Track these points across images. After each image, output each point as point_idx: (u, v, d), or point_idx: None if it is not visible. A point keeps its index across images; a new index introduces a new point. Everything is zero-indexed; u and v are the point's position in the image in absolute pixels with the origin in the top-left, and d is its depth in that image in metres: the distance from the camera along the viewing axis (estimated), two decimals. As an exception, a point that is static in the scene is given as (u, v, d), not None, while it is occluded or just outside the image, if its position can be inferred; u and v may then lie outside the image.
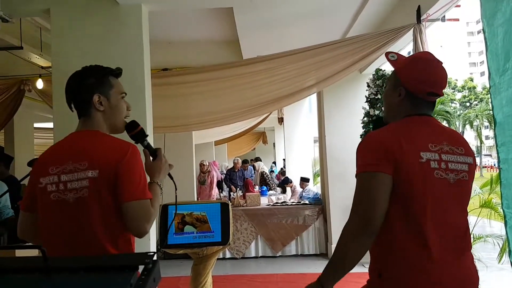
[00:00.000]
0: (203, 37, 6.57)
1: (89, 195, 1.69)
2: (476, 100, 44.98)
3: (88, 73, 1.88)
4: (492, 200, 4.45)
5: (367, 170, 1.53)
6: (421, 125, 1.64)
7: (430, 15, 3.86)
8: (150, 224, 1.71)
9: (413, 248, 1.51)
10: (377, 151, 1.54)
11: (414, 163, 1.52)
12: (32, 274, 0.92)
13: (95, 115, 1.83)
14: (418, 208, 1.52)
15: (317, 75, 4.51)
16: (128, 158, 1.70)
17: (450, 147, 1.61)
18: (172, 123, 5.32)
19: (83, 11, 3.89)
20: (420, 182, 1.52)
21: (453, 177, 1.57)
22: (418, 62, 1.71)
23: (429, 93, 1.64)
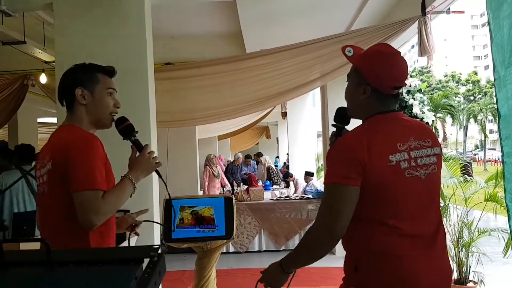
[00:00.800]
0: (206, 31, 6.55)
1: (48, 188, 1.77)
2: (480, 94, 44.74)
3: (76, 69, 1.92)
4: (497, 194, 4.43)
5: (337, 181, 1.54)
6: (389, 124, 1.63)
7: (435, 7, 3.84)
8: (100, 217, 1.66)
9: (392, 245, 1.54)
10: (348, 162, 1.53)
11: (383, 168, 1.52)
12: (36, 267, 0.91)
13: (77, 109, 1.87)
14: (392, 209, 1.55)
15: (321, 69, 4.49)
16: (76, 148, 1.70)
17: (417, 142, 1.60)
18: (176, 118, 5.32)
19: (86, 5, 3.88)
20: (391, 186, 1.53)
21: (423, 172, 1.59)
22: (380, 57, 1.64)
23: (395, 87, 1.63)
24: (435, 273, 1.57)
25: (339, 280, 1.71)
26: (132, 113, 3.75)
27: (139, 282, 0.79)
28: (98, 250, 1.36)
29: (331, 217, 1.54)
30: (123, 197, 1.77)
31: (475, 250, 4.43)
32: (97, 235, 1.75)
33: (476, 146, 56.26)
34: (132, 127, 1.93)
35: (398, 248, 1.53)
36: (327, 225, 1.55)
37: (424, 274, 1.54)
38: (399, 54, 1.67)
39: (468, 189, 4.62)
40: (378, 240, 1.55)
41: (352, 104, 1.76)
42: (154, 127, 3.94)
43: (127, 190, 1.80)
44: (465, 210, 4.54)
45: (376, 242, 1.55)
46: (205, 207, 3.43)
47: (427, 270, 1.55)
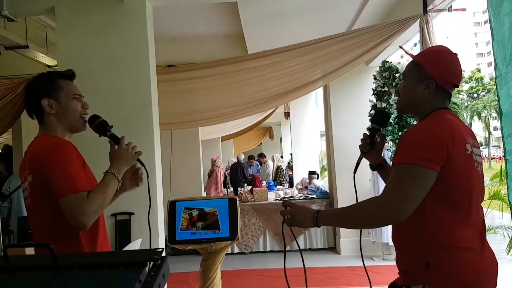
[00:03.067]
0: (208, 32, 6.56)
1: (31, 202, 1.82)
2: (483, 91, 44.60)
3: (35, 81, 1.94)
4: (501, 191, 4.42)
5: (419, 163, 1.50)
6: (453, 118, 1.67)
7: (436, 5, 3.83)
8: (88, 216, 1.69)
9: (462, 236, 1.55)
10: (432, 146, 1.52)
11: (463, 156, 1.56)
12: (41, 271, 0.92)
13: (47, 119, 1.91)
14: (466, 197, 1.57)
15: (323, 69, 4.49)
16: (49, 156, 1.74)
17: (473, 141, 1.66)
18: (179, 120, 5.32)
19: (88, 8, 3.90)
20: (467, 175, 1.58)
21: (480, 168, 1.65)
22: (445, 55, 1.72)
23: (454, 85, 1.70)
24: (493, 263, 1.62)
25: (344, 280, 1.70)
26: (135, 116, 3.79)
27: (143, 285, 0.80)
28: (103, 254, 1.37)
29: (403, 196, 1.49)
30: (108, 192, 1.79)
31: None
32: (88, 233, 1.80)
33: (481, 143, 56.02)
34: (105, 123, 1.96)
35: (467, 241, 1.55)
36: (397, 203, 1.50)
37: (488, 266, 1.59)
38: (456, 54, 1.74)
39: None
40: (449, 233, 1.54)
41: (410, 100, 1.75)
42: (157, 129, 3.95)
43: (111, 184, 1.81)
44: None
45: (447, 235, 1.54)
46: (209, 209, 3.43)
47: (489, 261, 1.60)
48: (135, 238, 3.80)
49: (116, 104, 3.75)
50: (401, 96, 1.79)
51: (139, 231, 3.80)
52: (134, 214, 3.83)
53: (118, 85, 3.80)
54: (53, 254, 0.87)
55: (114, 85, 3.79)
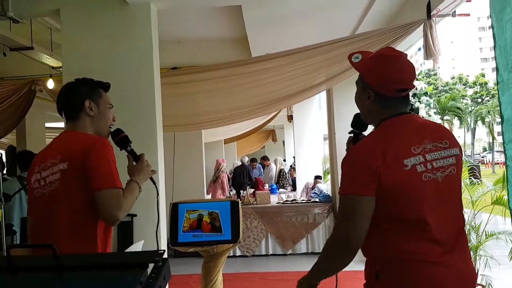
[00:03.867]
0: (211, 35, 6.58)
1: (59, 187, 1.84)
2: (488, 96, 44.45)
3: (80, 83, 2.07)
4: (504, 197, 4.40)
5: (351, 192, 1.55)
6: (400, 127, 1.60)
7: (440, 10, 3.83)
8: (122, 212, 1.81)
9: (413, 249, 1.52)
10: (360, 171, 1.53)
11: (399, 173, 1.51)
12: (43, 272, 0.92)
13: (84, 119, 2.01)
14: (411, 213, 1.52)
15: (326, 72, 4.49)
16: (96, 149, 1.84)
17: (433, 144, 1.57)
18: (182, 122, 5.34)
19: (93, 11, 3.92)
20: (409, 190, 1.51)
21: (440, 175, 1.55)
22: (380, 61, 1.64)
23: (397, 90, 1.60)
24: (458, 279, 1.53)
25: (346, 284, 1.71)
26: (139, 118, 3.80)
27: (144, 286, 0.80)
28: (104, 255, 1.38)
29: (347, 227, 1.55)
30: (134, 197, 1.94)
31: (483, 253, 4.39)
32: (102, 233, 1.88)
33: (484, 148, 55.84)
34: (127, 138, 2.09)
35: (419, 253, 1.51)
36: (344, 235, 1.56)
37: (447, 281, 1.50)
38: (401, 56, 1.64)
39: (476, 192, 4.59)
40: (398, 246, 1.53)
41: (361, 110, 1.78)
42: (160, 131, 3.96)
43: (136, 191, 1.96)
44: (473, 213, 4.51)
45: (396, 248, 1.53)
46: (211, 211, 3.44)
47: (449, 276, 1.51)
48: (137, 240, 3.80)
49: (120, 106, 3.73)
50: (357, 106, 1.80)
51: (141, 233, 3.81)
52: (136, 216, 3.83)
53: (122, 87, 3.82)
54: (55, 255, 0.87)
55: (118, 87, 3.78)
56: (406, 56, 1.65)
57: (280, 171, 11.86)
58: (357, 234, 1.53)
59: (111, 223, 1.84)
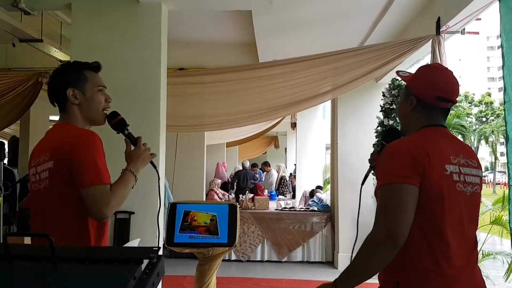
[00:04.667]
0: (220, 38, 6.60)
1: (49, 185, 1.80)
2: (492, 116, 44.42)
3: (62, 69, 1.96)
4: (503, 217, 4.39)
5: (396, 181, 1.50)
6: (440, 136, 1.64)
7: (449, 27, 3.83)
8: (110, 209, 1.74)
9: (433, 259, 1.52)
10: (406, 162, 1.52)
11: (440, 175, 1.52)
12: (39, 262, 0.93)
13: (71, 108, 1.92)
14: (441, 220, 1.53)
15: (333, 82, 4.50)
16: (79, 146, 1.76)
17: (465, 160, 1.61)
18: (186, 123, 5.35)
19: (104, 7, 3.95)
20: (445, 195, 1.52)
21: (470, 190, 1.59)
22: (426, 70, 1.76)
23: (437, 98, 1.63)
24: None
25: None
26: (143, 116, 3.81)
27: (138, 282, 0.80)
28: (100, 248, 1.38)
29: (390, 218, 1.48)
30: (127, 189, 1.84)
31: (479, 272, 4.37)
32: (95, 230, 1.82)
33: (486, 168, 55.65)
34: (124, 121, 1.98)
35: (441, 265, 1.51)
36: (387, 227, 1.47)
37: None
38: (447, 69, 1.73)
39: (475, 211, 4.57)
40: (423, 255, 1.52)
41: (401, 119, 1.80)
42: (163, 131, 3.97)
43: (130, 182, 1.86)
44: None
45: (420, 258, 1.52)
46: (209, 213, 3.44)
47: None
48: (133, 237, 3.81)
49: (125, 103, 3.76)
50: (398, 117, 1.84)
51: (137, 230, 3.81)
52: (134, 213, 3.84)
53: (128, 84, 3.84)
54: (52, 245, 0.88)
55: (125, 84, 3.82)
56: (451, 72, 1.73)
57: (282, 178, 11.86)
58: (401, 226, 1.46)
59: (99, 220, 1.77)
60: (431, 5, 4.32)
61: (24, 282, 0.90)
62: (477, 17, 3.68)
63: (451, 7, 3.77)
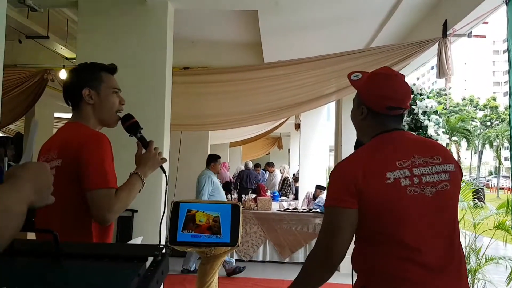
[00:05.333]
0: (226, 38, 6.61)
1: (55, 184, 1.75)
2: (497, 120, 44.27)
3: (79, 69, 1.97)
4: (506, 222, 4.36)
5: (332, 205, 1.56)
6: (388, 143, 1.61)
7: (456, 30, 3.82)
8: (112, 214, 1.73)
9: (401, 267, 1.49)
10: (341, 185, 1.55)
11: (379, 187, 1.50)
12: (43, 258, 0.93)
13: (84, 108, 1.91)
14: (395, 228, 1.50)
15: (337, 83, 4.49)
16: (88, 147, 1.75)
17: (423, 159, 1.56)
18: (190, 122, 5.36)
19: (110, 5, 3.95)
20: (391, 203, 1.50)
21: (430, 190, 1.53)
22: (374, 78, 1.68)
23: (388, 107, 1.61)
24: None
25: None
26: (148, 114, 3.81)
27: (142, 279, 0.80)
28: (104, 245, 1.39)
29: (328, 239, 1.54)
30: (133, 194, 1.83)
31: (481, 277, 4.36)
32: (98, 231, 1.80)
33: (490, 172, 55.52)
34: (137, 124, 1.98)
35: (404, 271, 1.48)
36: (324, 247, 1.55)
37: None
38: (396, 75, 1.66)
39: (478, 215, 4.56)
40: (384, 261, 1.51)
41: (355, 127, 1.78)
42: (167, 129, 3.98)
43: (136, 186, 1.85)
44: (474, 236, 4.47)
45: (382, 263, 1.51)
46: (212, 213, 3.44)
47: None
48: (136, 235, 3.81)
49: (130, 101, 3.75)
50: (352, 123, 1.79)
51: (140, 229, 3.82)
52: (137, 211, 3.84)
53: (133, 83, 3.84)
54: (56, 241, 0.88)
55: (130, 82, 3.82)
56: (402, 77, 1.67)
57: (285, 179, 11.86)
58: (338, 248, 1.52)
59: (101, 224, 1.76)
60: (438, 8, 4.31)
61: (28, 278, 0.90)
62: (484, 20, 3.66)
63: (458, 10, 3.76)
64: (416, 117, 4.85)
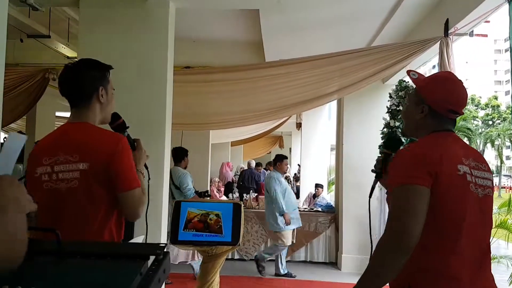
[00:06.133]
0: (227, 37, 6.60)
1: (78, 186, 1.78)
2: (499, 119, 44.17)
3: (92, 66, 1.95)
4: (508, 220, 4.36)
5: (407, 182, 1.51)
6: (451, 140, 1.67)
7: (458, 29, 3.81)
8: (143, 209, 1.87)
9: (446, 262, 1.52)
10: (418, 163, 1.54)
11: (453, 175, 1.54)
12: (45, 256, 0.93)
13: (94, 106, 1.92)
14: (454, 221, 1.53)
15: (339, 82, 4.49)
16: (121, 151, 1.81)
17: (476, 163, 1.64)
18: (191, 121, 5.36)
19: (112, 4, 3.95)
20: (459, 195, 1.54)
21: (481, 192, 1.60)
22: (441, 81, 1.76)
23: (449, 110, 1.69)
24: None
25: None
26: (149, 113, 3.82)
27: (144, 278, 0.80)
28: (106, 244, 1.39)
29: (404, 221, 1.47)
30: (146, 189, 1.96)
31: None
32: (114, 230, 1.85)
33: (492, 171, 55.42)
34: (124, 124, 2.04)
35: (453, 267, 1.51)
36: (401, 228, 1.47)
37: None
38: (460, 82, 1.74)
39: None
40: (435, 257, 1.52)
41: (410, 123, 1.81)
42: (169, 128, 3.97)
43: (144, 182, 1.96)
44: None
45: (432, 259, 1.52)
46: (213, 212, 3.44)
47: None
48: (137, 234, 3.81)
49: (131, 101, 3.78)
50: (403, 119, 1.85)
51: (142, 228, 3.81)
52: (139, 210, 3.84)
53: (134, 82, 3.84)
54: (58, 240, 0.88)
55: (131, 82, 3.83)
56: (463, 83, 1.75)
57: (286, 178, 11.85)
58: (414, 230, 1.45)
59: (132, 220, 1.89)
60: (439, 6, 4.30)
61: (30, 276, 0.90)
62: (486, 19, 3.66)
63: (460, 9, 3.76)
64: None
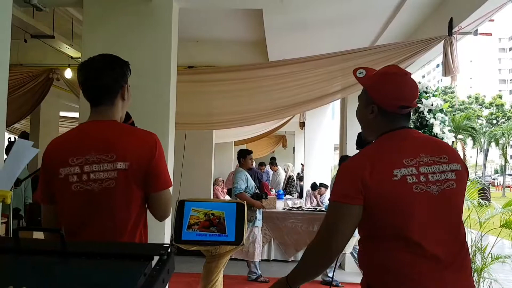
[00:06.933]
0: (230, 37, 6.60)
1: (116, 186, 1.72)
2: (503, 118, 44.01)
3: (116, 63, 1.92)
4: (513, 220, 4.34)
5: (338, 200, 1.58)
6: (396, 141, 1.63)
7: (462, 28, 3.80)
8: (170, 208, 1.90)
9: (400, 262, 1.51)
10: (348, 181, 1.58)
11: (386, 182, 1.52)
12: (50, 256, 0.93)
13: (118, 104, 1.88)
14: (401, 224, 1.52)
15: (343, 82, 4.48)
16: (159, 150, 1.81)
17: (429, 158, 1.58)
18: (194, 120, 5.36)
19: (115, 4, 3.95)
20: (397, 200, 1.52)
21: (436, 188, 1.54)
22: (386, 77, 1.67)
23: (400, 107, 1.63)
24: None
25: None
26: (152, 113, 3.82)
27: (148, 278, 0.80)
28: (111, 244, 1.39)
29: (328, 233, 1.59)
30: None
31: (487, 276, 4.34)
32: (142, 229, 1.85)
33: (496, 170, 55.21)
34: (133, 123, 2.02)
35: (410, 267, 1.50)
36: (323, 240, 1.59)
37: None
38: (406, 75, 1.67)
39: (484, 214, 4.54)
40: (389, 258, 1.52)
41: (362, 124, 1.78)
42: (172, 128, 3.97)
43: None
44: (480, 234, 4.46)
45: (387, 260, 1.53)
46: (217, 211, 3.44)
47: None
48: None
49: (134, 100, 3.74)
50: (358, 120, 1.79)
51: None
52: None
53: (138, 82, 3.81)
54: (62, 240, 0.88)
55: (134, 81, 3.80)
56: (410, 75, 1.69)
57: (289, 177, 11.84)
58: (336, 241, 1.56)
59: (162, 219, 1.89)
60: (443, 5, 4.29)
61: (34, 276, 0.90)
62: (490, 18, 3.64)
63: (464, 8, 3.74)
64: (421, 116, 4.82)
